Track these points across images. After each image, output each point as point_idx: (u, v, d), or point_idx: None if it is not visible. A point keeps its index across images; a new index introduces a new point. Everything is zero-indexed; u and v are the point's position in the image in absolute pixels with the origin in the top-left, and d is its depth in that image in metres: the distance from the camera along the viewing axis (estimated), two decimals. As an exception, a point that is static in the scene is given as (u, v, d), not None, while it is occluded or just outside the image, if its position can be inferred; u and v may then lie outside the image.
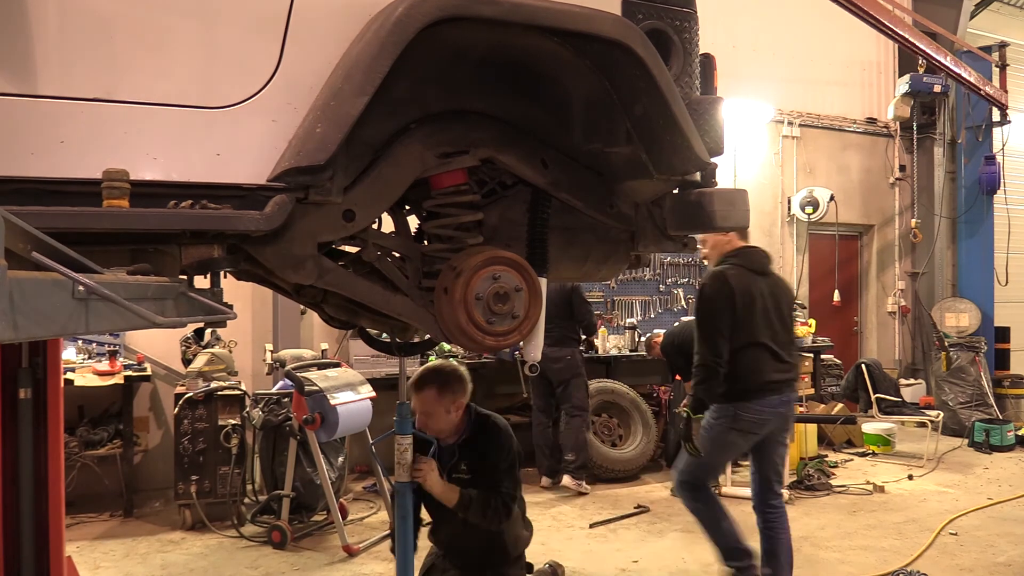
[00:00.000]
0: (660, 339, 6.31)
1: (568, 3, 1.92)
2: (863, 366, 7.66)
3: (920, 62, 8.86)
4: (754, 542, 3.76)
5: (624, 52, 1.97)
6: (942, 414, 7.49)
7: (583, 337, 6.40)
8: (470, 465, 3.04)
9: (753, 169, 8.85)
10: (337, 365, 5.18)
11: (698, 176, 2.22)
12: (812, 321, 8.23)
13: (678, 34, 2.14)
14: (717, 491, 5.94)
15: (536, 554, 4.69)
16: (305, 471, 4.94)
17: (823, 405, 7.86)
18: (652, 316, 8.13)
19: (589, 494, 5.94)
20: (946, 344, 8.59)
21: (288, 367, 4.93)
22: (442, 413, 2.97)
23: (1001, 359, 9.32)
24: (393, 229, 2.33)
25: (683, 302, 8.25)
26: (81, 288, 1.03)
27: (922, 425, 7.42)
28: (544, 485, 6.07)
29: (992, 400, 8.34)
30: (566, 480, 5.96)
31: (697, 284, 3.18)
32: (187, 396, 5.11)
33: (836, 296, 9.17)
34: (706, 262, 3.75)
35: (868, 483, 6.26)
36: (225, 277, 2.20)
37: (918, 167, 9.83)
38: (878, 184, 9.74)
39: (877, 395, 7.44)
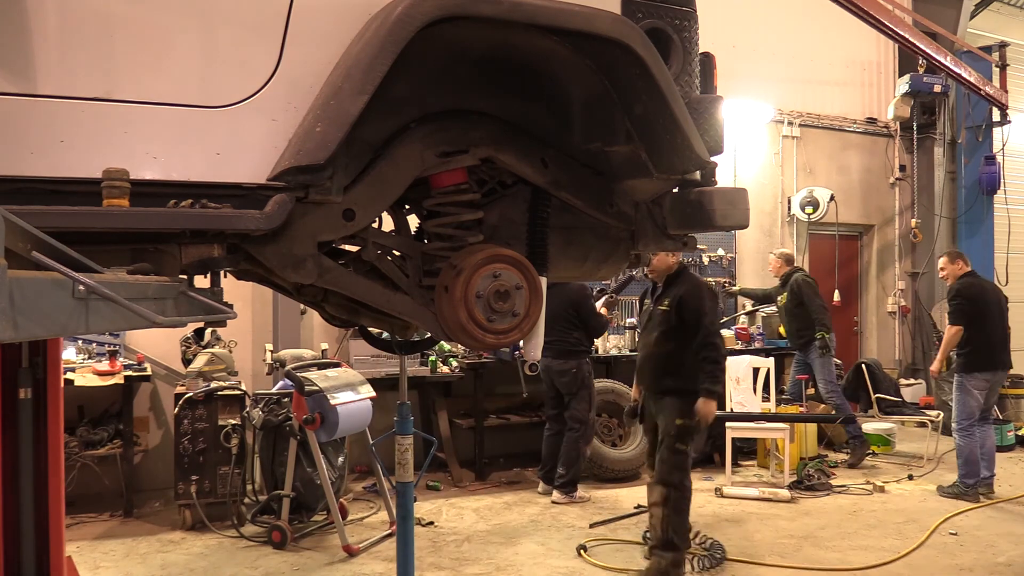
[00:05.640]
0: None
1: (568, 2, 1.92)
2: (863, 366, 7.66)
3: (920, 62, 8.86)
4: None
5: (624, 51, 1.96)
6: (942, 414, 7.46)
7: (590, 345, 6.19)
8: (670, 301, 4.25)
9: (753, 169, 8.85)
10: (337, 365, 5.18)
11: (698, 175, 2.22)
12: (812, 321, 8.22)
13: (678, 33, 2.14)
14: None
15: (535, 554, 4.69)
16: (305, 471, 4.93)
17: (823, 405, 7.85)
18: (652, 316, 8.10)
19: (587, 501, 5.84)
20: (946, 344, 8.63)
21: (288, 367, 4.93)
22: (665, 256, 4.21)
23: (1001, 359, 9.31)
24: (393, 228, 2.33)
25: (683, 302, 8.21)
26: (81, 288, 1.03)
27: (922, 425, 7.42)
28: (540, 491, 6.03)
29: (992, 400, 8.37)
30: (555, 495, 5.83)
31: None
32: (187, 396, 5.11)
33: (836, 296, 9.16)
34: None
35: (868, 483, 6.27)
36: (225, 276, 2.20)
37: (918, 167, 9.83)
38: (878, 184, 9.74)
39: (877, 395, 7.45)
